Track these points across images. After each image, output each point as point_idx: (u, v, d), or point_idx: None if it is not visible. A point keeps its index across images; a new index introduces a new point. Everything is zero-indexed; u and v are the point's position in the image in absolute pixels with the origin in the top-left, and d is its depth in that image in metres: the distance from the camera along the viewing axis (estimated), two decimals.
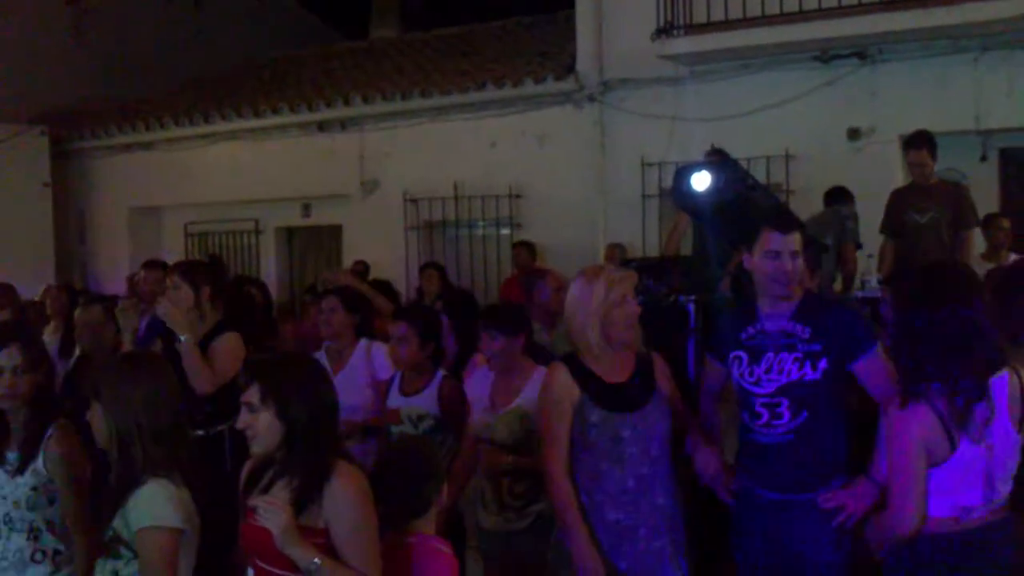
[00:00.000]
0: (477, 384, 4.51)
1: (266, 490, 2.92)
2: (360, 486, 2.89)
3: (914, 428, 3.07)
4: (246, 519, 2.95)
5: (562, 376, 3.68)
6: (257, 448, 2.94)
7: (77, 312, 5.59)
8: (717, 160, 6.62)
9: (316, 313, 6.59)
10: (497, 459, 4.24)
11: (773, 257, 3.62)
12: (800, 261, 3.64)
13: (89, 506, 3.51)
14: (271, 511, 2.76)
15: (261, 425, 2.88)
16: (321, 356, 5.21)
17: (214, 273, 5.44)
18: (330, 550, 2.81)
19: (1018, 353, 3.31)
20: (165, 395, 3.12)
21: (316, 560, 2.75)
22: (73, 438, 3.58)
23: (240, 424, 2.94)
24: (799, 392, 3.58)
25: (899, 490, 3.12)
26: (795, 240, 3.65)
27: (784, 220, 3.81)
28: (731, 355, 3.76)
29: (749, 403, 3.68)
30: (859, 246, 7.17)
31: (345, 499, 2.83)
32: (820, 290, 5.37)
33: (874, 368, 3.57)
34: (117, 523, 3.00)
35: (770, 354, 3.64)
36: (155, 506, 2.94)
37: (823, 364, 3.56)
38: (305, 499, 2.83)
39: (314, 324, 6.48)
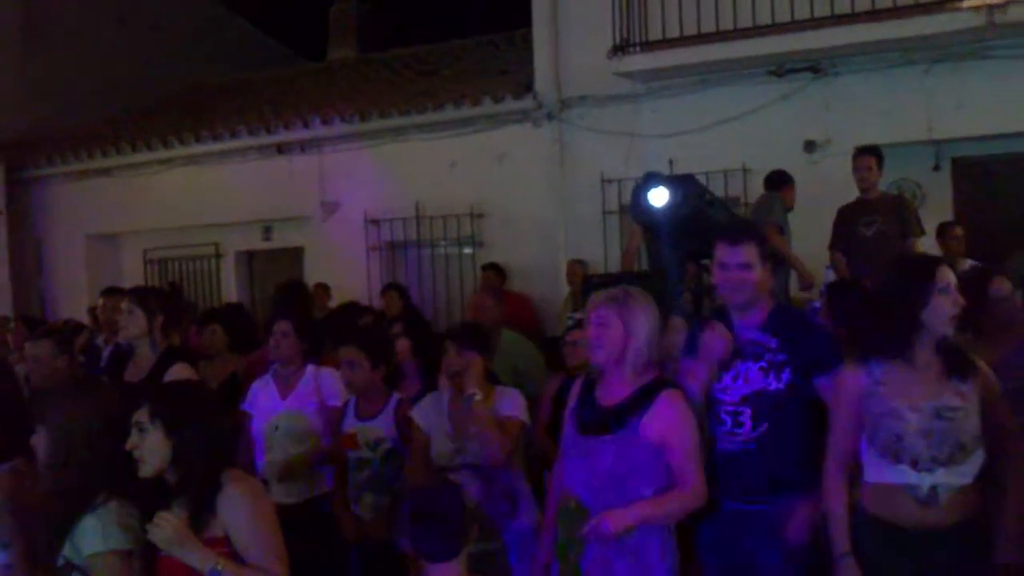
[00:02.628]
0: (429, 411, 4.44)
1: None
2: (252, 487, 3.05)
3: None
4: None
5: (574, 389, 3.75)
6: (146, 470, 3.01)
7: (27, 346, 5.47)
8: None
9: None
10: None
11: (721, 268, 3.68)
12: (758, 272, 3.64)
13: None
14: (155, 528, 2.83)
15: (149, 445, 2.98)
16: (269, 380, 5.18)
17: (170, 302, 5.41)
18: (234, 557, 2.90)
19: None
20: (107, 421, 3.15)
21: (216, 566, 2.83)
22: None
23: (128, 445, 3.01)
24: (762, 402, 3.59)
25: None
26: (745, 251, 3.65)
27: (733, 232, 3.83)
28: None
29: (715, 410, 3.69)
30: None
31: (238, 503, 2.95)
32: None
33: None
34: (68, 550, 3.01)
35: (738, 361, 3.65)
36: (104, 530, 2.98)
37: (787, 375, 3.58)
38: (201, 511, 2.93)
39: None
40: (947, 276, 3.27)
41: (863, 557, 3.32)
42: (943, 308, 3.23)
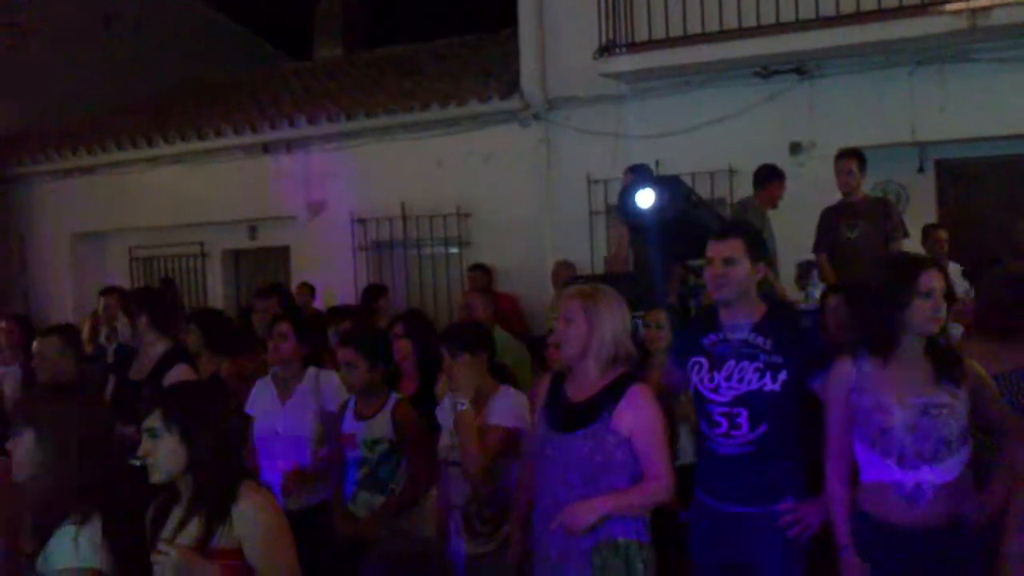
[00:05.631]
0: (445, 408, 4.45)
1: (181, 527, 2.91)
2: (267, 501, 2.95)
3: None
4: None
5: (540, 387, 3.75)
6: (158, 476, 2.92)
7: (35, 342, 5.47)
8: (635, 175, 6.60)
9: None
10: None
11: (708, 263, 3.67)
12: (742, 267, 3.60)
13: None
14: (160, 558, 2.76)
15: (163, 451, 2.88)
16: (268, 383, 5.17)
17: (155, 299, 5.41)
18: (247, 568, 2.85)
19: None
20: (92, 427, 3.06)
21: None
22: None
23: (141, 451, 2.91)
24: (759, 403, 3.56)
25: None
26: (730, 246, 3.63)
27: (721, 227, 3.80)
28: (691, 360, 3.74)
29: (707, 411, 3.66)
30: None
31: (255, 517, 2.87)
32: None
33: None
34: (40, 562, 2.93)
35: (731, 362, 3.62)
36: (78, 546, 2.88)
37: (783, 376, 3.55)
38: (216, 523, 2.85)
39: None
40: (931, 281, 3.29)
41: (859, 555, 3.36)
42: (923, 311, 3.27)
